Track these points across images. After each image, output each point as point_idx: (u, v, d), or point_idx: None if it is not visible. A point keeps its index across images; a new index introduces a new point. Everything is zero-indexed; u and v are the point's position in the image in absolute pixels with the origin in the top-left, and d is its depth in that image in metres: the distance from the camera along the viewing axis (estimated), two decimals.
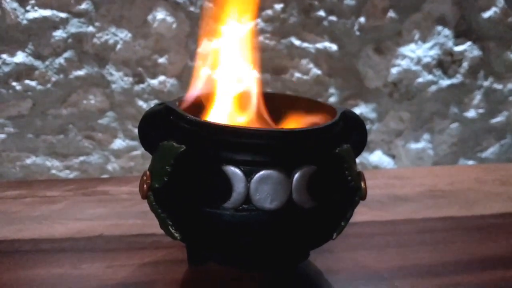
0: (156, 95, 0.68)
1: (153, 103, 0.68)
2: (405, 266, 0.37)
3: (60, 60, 0.65)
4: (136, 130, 0.68)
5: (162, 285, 0.33)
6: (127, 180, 0.53)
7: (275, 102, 0.35)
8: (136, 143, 0.69)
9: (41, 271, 0.34)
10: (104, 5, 0.64)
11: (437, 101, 0.77)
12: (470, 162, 0.81)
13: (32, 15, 0.63)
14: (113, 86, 0.67)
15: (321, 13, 0.70)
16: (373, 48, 0.73)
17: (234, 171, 0.28)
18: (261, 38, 0.68)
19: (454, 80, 0.77)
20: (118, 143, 0.70)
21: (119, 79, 0.67)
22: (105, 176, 0.70)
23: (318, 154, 0.29)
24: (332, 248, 0.37)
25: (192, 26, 0.66)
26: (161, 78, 0.68)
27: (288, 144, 0.28)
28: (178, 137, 0.29)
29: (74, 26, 0.64)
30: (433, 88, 0.76)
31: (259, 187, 0.27)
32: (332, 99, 0.74)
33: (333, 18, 0.70)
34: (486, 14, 0.75)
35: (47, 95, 0.66)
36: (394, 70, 0.74)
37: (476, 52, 0.76)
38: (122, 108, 0.68)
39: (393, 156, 0.79)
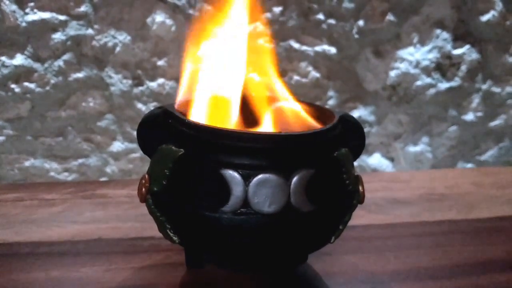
0: (155, 98, 0.68)
1: (152, 105, 0.68)
2: (403, 269, 0.37)
3: (59, 62, 0.65)
4: (135, 133, 0.68)
5: None
6: (125, 183, 0.53)
7: (274, 105, 0.36)
8: (135, 145, 0.70)
9: (39, 274, 0.34)
10: (103, 7, 0.64)
11: (435, 104, 0.77)
12: (469, 165, 0.81)
13: (31, 17, 0.63)
14: (112, 88, 0.67)
15: (320, 16, 0.70)
16: (372, 51, 0.73)
17: (233, 175, 0.28)
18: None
19: (453, 83, 0.77)
20: (117, 146, 0.70)
21: (118, 81, 0.67)
22: (104, 178, 0.70)
23: (316, 158, 0.29)
24: (331, 251, 0.37)
25: (192, 29, 0.67)
26: (160, 80, 0.68)
27: (287, 148, 0.29)
28: (176, 140, 0.30)
29: (73, 29, 0.64)
30: (432, 91, 0.76)
31: (257, 190, 0.28)
32: (331, 102, 0.74)
33: (332, 21, 0.70)
34: (485, 17, 0.75)
35: (46, 98, 0.66)
36: (392, 73, 0.74)
37: (474, 55, 0.76)
38: (121, 110, 0.68)
39: (391, 159, 0.79)
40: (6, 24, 0.62)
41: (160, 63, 0.67)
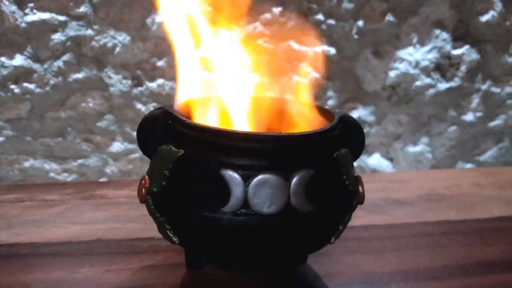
0: (154, 98, 0.68)
1: (151, 106, 0.69)
2: (403, 269, 0.37)
3: (59, 63, 0.65)
4: (134, 133, 0.68)
5: None
6: (125, 184, 0.53)
7: (274, 106, 0.36)
8: (134, 146, 0.70)
9: (39, 275, 0.34)
10: (103, 8, 0.64)
11: (435, 105, 0.77)
12: (468, 165, 0.81)
13: (31, 18, 0.63)
14: (112, 89, 0.67)
15: (320, 16, 0.70)
16: (372, 51, 0.73)
17: (232, 176, 0.28)
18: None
19: (452, 84, 0.77)
20: (117, 146, 0.70)
21: (117, 82, 0.67)
22: (103, 179, 0.70)
23: (316, 158, 0.29)
24: (330, 251, 0.37)
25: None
26: (160, 81, 0.68)
27: (286, 148, 0.29)
28: (176, 141, 0.29)
29: (73, 29, 0.64)
30: (431, 91, 0.76)
31: (257, 191, 0.28)
32: (330, 102, 0.74)
33: (331, 21, 0.70)
34: (484, 18, 0.75)
35: (46, 98, 0.66)
36: (392, 74, 0.74)
37: (474, 56, 0.76)
38: (121, 111, 0.68)
39: (391, 159, 0.79)
40: (6, 24, 0.62)
41: (160, 63, 0.67)
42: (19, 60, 0.64)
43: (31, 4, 0.62)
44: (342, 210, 0.32)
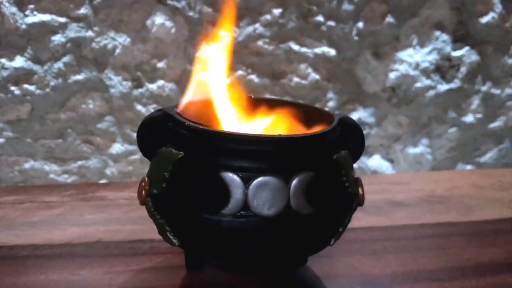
0: (154, 100, 0.68)
1: (152, 107, 0.69)
2: (403, 271, 0.37)
3: (59, 64, 0.65)
4: (134, 135, 0.68)
5: None
6: (125, 185, 0.53)
7: (274, 108, 0.36)
8: (134, 147, 0.70)
9: (39, 277, 0.34)
10: (103, 9, 0.64)
11: (435, 106, 0.77)
12: (469, 167, 0.81)
13: (31, 19, 0.63)
14: (112, 90, 0.67)
15: (320, 18, 0.70)
16: (371, 53, 0.73)
17: (232, 178, 0.28)
18: (259, 42, 0.69)
19: (452, 85, 0.77)
20: (117, 148, 0.70)
21: (118, 83, 0.67)
22: (103, 180, 0.70)
23: (316, 161, 0.29)
24: (330, 253, 0.37)
25: (191, 30, 0.67)
26: (160, 82, 0.68)
27: (286, 151, 0.29)
28: (176, 143, 0.30)
29: (73, 31, 0.64)
30: (431, 93, 0.76)
31: (257, 193, 0.28)
32: (330, 104, 0.74)
33: (331, 23, 0.71)
34: (484, 19, 0.75)
35: (46, 100, 0.66)
36: (392, 75, 0.74)
37: (474, 57, 0.76)
38: (121, 112, 0.68)
39: (391, 161, 0.79)
40: (6, 26, 0.62)
41: (160, 65, 0.68)
42: (19, 61, 0.64)
43: (31, 6, 0.62)
44: (342, 212, 0.32)
